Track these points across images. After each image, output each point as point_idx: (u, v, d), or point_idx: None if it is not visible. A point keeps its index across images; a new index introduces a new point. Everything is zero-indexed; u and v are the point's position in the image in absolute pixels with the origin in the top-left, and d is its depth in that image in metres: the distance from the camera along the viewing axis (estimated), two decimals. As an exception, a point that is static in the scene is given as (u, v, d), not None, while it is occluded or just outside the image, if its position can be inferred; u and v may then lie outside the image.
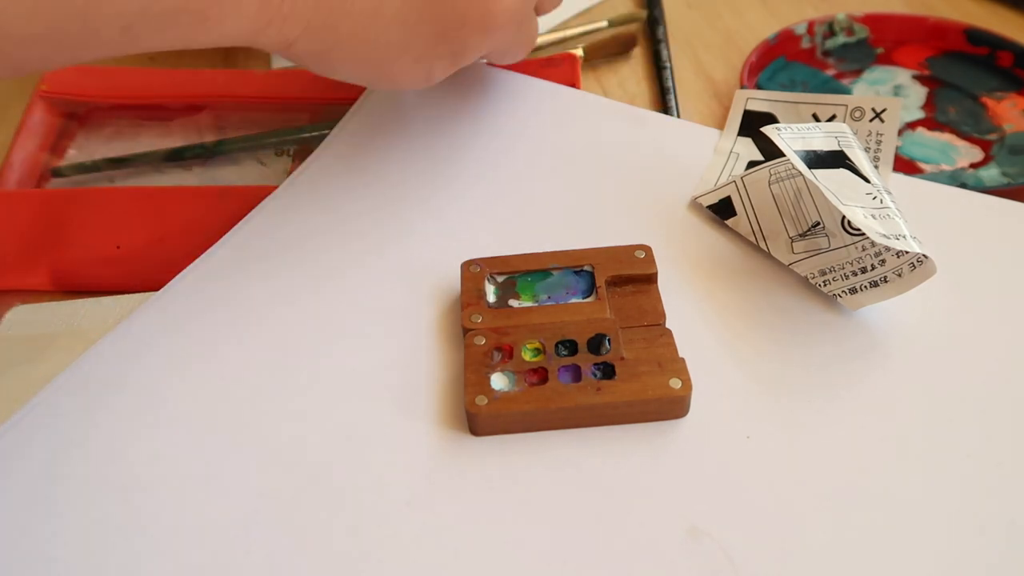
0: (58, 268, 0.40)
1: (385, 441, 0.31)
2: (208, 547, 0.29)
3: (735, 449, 0.31)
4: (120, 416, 0.32)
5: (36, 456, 0.31)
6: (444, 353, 0.34)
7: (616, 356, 0.32)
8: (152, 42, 0.29)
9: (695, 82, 0.52)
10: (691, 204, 0.40)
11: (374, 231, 0.39)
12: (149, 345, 0.35)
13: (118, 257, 0.40)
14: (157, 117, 0.49)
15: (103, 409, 0.33)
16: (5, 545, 0.29)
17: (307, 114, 0.49)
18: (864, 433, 0.31)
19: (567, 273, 0.35)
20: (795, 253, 0.37)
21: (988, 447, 0.31)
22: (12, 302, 0.39)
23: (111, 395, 0.33)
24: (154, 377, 0.34)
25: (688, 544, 0.28)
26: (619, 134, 0.44)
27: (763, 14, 0.57)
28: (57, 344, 0.36)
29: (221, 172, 0.47)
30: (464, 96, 0.46)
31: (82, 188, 0.45)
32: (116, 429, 0.32)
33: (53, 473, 0.31)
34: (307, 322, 0.35)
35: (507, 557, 0.28)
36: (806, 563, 0.28)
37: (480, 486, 0.30)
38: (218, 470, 0.31)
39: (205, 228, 0.40)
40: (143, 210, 0.42)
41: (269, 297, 0.36)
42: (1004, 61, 0.50)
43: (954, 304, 0.35)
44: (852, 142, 0.37)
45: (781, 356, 0.34)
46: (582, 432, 0.31)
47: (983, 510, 0.29)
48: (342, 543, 0.29)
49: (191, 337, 0.35)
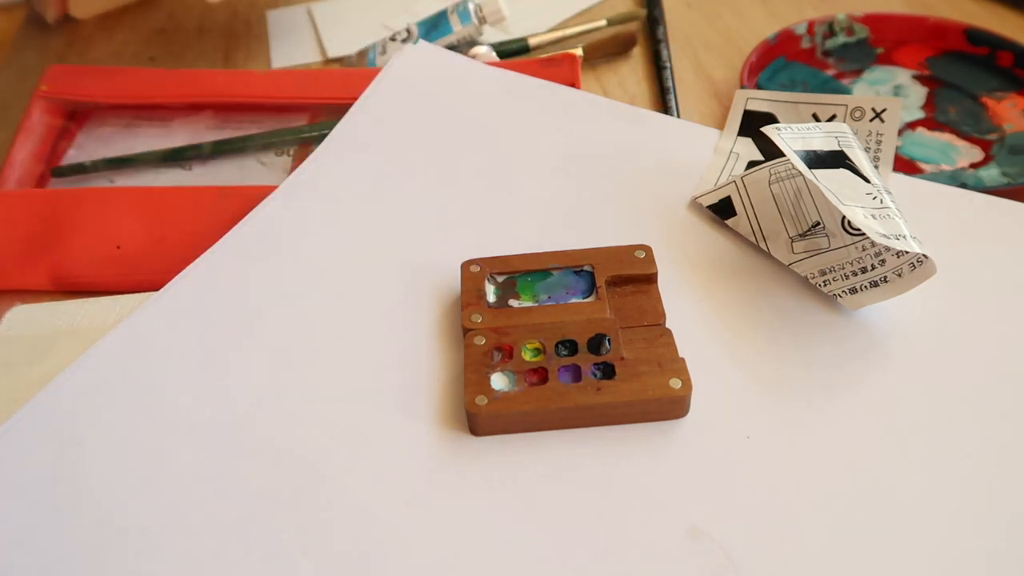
0: (58, 268, 0.40)
1: (385, 441, 0.31)
2: (208, 547, 0.29)
3: (735, 449, 0.31)
4: (120, 416, 0.32)
5: (36, 456, 0.31)
6: (444, 353, 0.34)
7: (616, 356, 0.32)
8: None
9: (695, 82, 0.52)
10: (691, 204, 0.40)
11: (374, 231, 0.39)
12: (149, 345, 0.35)
13: (118, 257, 0.40)
14: (157, 117, 0.49)
15: (103, 409, 0.33)
16: (6, 545, 0.29)
17: (307, 114, 0.49)
18: (864, 433, 0.31)
19: (567, 273, 0.35)
20: (795, 253, 0.37)
21: (988, 447, 0.31)
22: (12, 302, 0.39)
23: (111, 395, 0.33)
24: (154, 377, 0.34)
25: (688, 544, 0.28)
26: (619, 134, 0.44)
27: (763, 14, 0.57)
28: (57, 344, 0.36)
29: (221, 172, 0.47)
30: (464, 96, 0.46)
31: (82, 188, 0.45)
32: (116, 429, 0.32)
33: (53, 473, 0.31)
34: (307, 322, 0.35)
35: (507, 557, 0.28)
36: (806, 563, 0.28)
37: (480, 486, 0.30)
38: (218, 470, 0.31)
39: (205, 228, 0.40)
40: (143, 210, 0.42)
41: (269, 297, 0.36)
42: (1004, 61, 0.50)
43: (954, 304, 0.35)
44: (852, 142, 0.37)
45: (781, 356, 0.34)
46: (582, 432, 0.31)
47: (983, 510, 0.29)
48: (342, 543, 0.29)
49: (191, 337, 0.35)
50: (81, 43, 0.59)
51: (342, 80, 0.49)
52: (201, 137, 0.48)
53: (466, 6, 0.53)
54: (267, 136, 0.47)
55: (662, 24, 0.55)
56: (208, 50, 0.57)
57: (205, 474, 0.31)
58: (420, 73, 0.47)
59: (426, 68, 0.47)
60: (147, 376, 0.34)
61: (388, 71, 0.47)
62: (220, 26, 0.58)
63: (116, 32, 0.60)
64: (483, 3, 0.53)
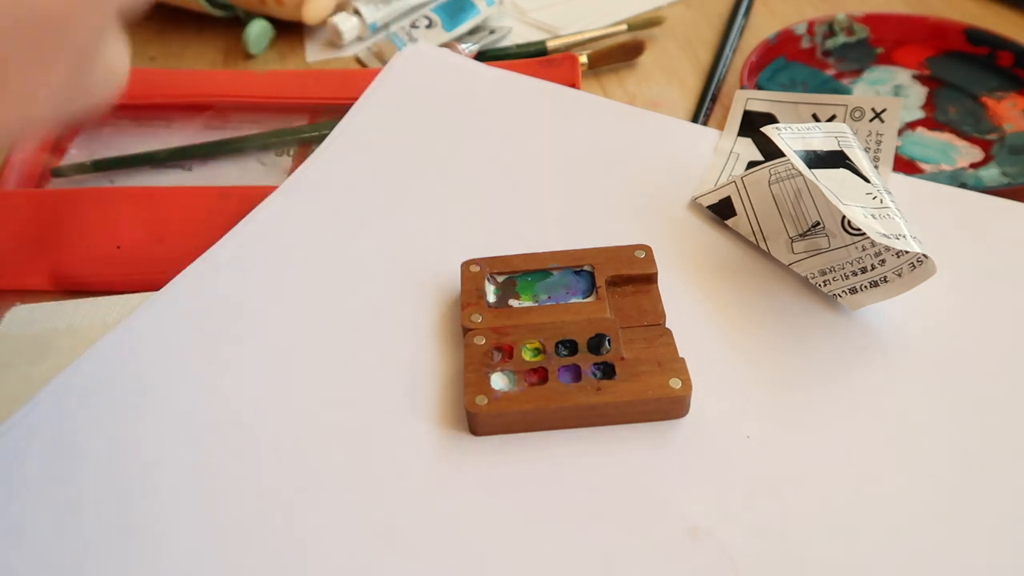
0: (58, 268, 0.40)
1: (385, 441, 0.31)
2: (208, 547, 0.29)
3: (735, 449, 0.31)
4: (120, 416, 0.32)
5: (36, 456, 0.31)
6: (444, 353, 0.34)
7: (616, 356, 0.32)
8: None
9: (695, 82, 0.52)
10: (691, 204, 0.40)
11: (374, 231, 0.39)
12: (149, 345, 0.35)
13: (118, 257, 0.40)
14: (157, 117, 0.49)
15: (103, 409, 0.33)
16: (6, 544, 0.29)
17: (307, 114, 0.49)
18: (864, 433, 0.31)
19: (567, 273, 0.35)
20: (795, 253, 0.37)
21: (988, 447, 0.31)
22: (12, 302, 0.39)
23: (111, 395, 0.33)
24: (154, 377, 0.34)
25: (688, 544, 0.28)
26: (619, 134, 0.44)
27: (763, 14, 0.57)
28: (57, 344, 0.36)
29: (221, 172, 0.47)
30: (464, 96, 0.46)
31: (82, 188, 0.45)
32: (116, 429, 0.32)
33: (53, 473, 0.31)
34: (307, 322, 0.35)
35: (507, 557, 0.28)
36: (806, 563, 0.28)
37: (480, 486, 0.30)
38: (218, 470, 0.31)
39: (205, 228, 0.40)
40: (143, 210, 0.42)
41: (269, 297, 0.36)
42: (1004, 61, 0.50)
43: (954, 304, 0.35)
44: (852, 142, 0.37)
45: (781, 356, 0.34)
46: (582, 432, 0.31)
47: (983, 509, 0.29)
48: (342, 543, 0.29)
49: (191, 337, 0.35)
50: (81, 43, 0.59)
51: (342, 80, 0.49)
52: (201, 137, 0.48)
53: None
54: (267, 136, 0.47)
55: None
56: (208, 50, 0.57)
57: (204, 474, 0.31)
58: (420, 73, 0.47)
59: (426, 68, 0.47)
60: (147, 376, 0.34)
61: (388, 71, 0.47)
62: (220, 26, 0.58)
63: (116, 32, 0.60)
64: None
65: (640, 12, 0.57)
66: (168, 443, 0.32)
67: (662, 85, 0.52)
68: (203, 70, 0.51)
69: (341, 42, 0.56)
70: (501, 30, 0.56)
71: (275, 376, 0.34)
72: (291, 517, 0.29)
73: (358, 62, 0.55)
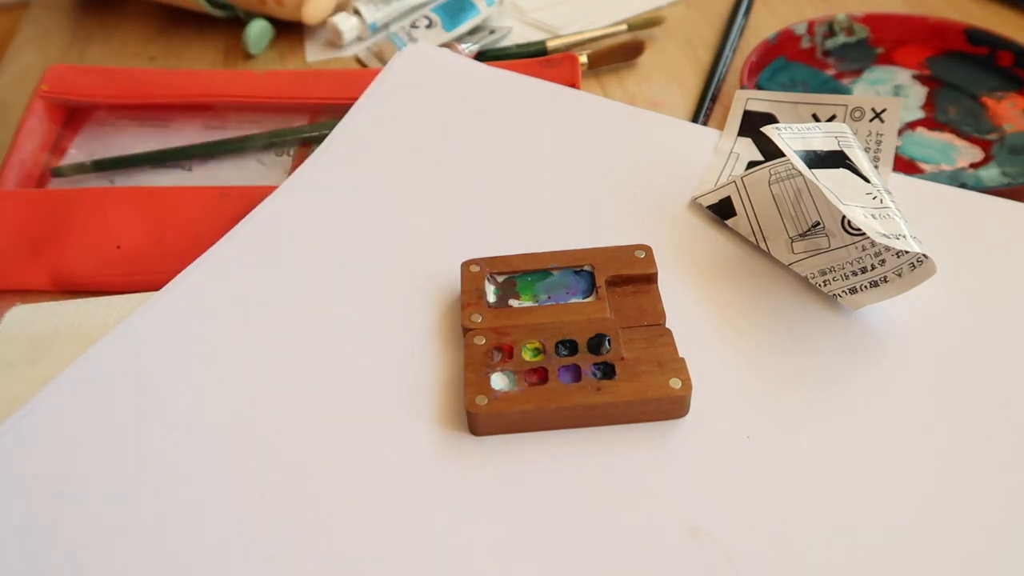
0: (58, 268, 0.40)
1: (385, 441, 0.31)
2: (208, 546, 0.29)
3: (735, 449, 0.31)
4: (120, 416, 0.32)
5: (36, 456, 0.31)
6: (444, 353, 0.34)
7: (616, 356, 0.32)
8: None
9: (695, 82, 0.52)
10: (691, 204, 0.40)
11: (374, 231, 0.39)
12: (149, 345, 0.35)
13: (118, 257, 0.40)
14: (157, 117, 0.49)
15: (103, 409, 0.33)
16: (6, 544, 0.29)
17: (307, 114, 0.49)
18: (863, 433, 0.31)
19: (567, 273, 0.35)
20: (795, 253, 0.37)
21: (988, 447, 0.31)
22: (12, 302, 0.39)
23: (111, 395, 0.33)
24: (154, 377, 0.34)
25: (688, 544, 0.28)
26: (619, 134, 0.44)
27: (763, 14, 0.57)
28: (57, 344, 0.36)
29: (221, 172, 0.47)
30: (464, 96, 0.46)
31: (82, 188, 0.45)
32: (116, 429, 0.32)
33: (53, 473, 0.31)
34: (307, 322, 0.35)
35: (507, 557, 0.28)
36: (806, 563, 0.28)
37: (480, 486, 0.30)
38: (218, 470, 0.31)
39: (205, 228, 0.40)
40: (143, 210, 0.42)
41: (269, 297, 0.36)
42: (1004, 61, 0.50)
43: (954, 304, 0.35)
44: (852, 142, 0.37)
45: (781, 356, 0.34)
46: (582, 432, 0.31)
47: (983, 509, 0.29)
48: (342, 543, 0.29)
49: (191, 337, 0.35)
50: (81, 43, 0.59)
51: (342, 80, 0.49)
52: (201, 137, 0.48)
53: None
54: (267, 136, 0.47)
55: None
56: (208, 50, 0.57)
57: (204, 474, 0.31)
58: (420, 73, 0.47)
59: (426, 68, 0.47)
60: (147, 376, 0.34)
61: (388, 71, 0.47)
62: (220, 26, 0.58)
63: (116, 32, 0.60)
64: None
65: (640, 12, 0.58)
66: (168, 443, 0.32)
67: (662, 85, 0.52)
68: (203, 70, 0.51)
69: (341, 42, 0.56)
70: (501, 30, 0.56)
71: (275, 376, 0.34)
72: (291, 516, 0.29)
73: (358, 62, 0.56)
